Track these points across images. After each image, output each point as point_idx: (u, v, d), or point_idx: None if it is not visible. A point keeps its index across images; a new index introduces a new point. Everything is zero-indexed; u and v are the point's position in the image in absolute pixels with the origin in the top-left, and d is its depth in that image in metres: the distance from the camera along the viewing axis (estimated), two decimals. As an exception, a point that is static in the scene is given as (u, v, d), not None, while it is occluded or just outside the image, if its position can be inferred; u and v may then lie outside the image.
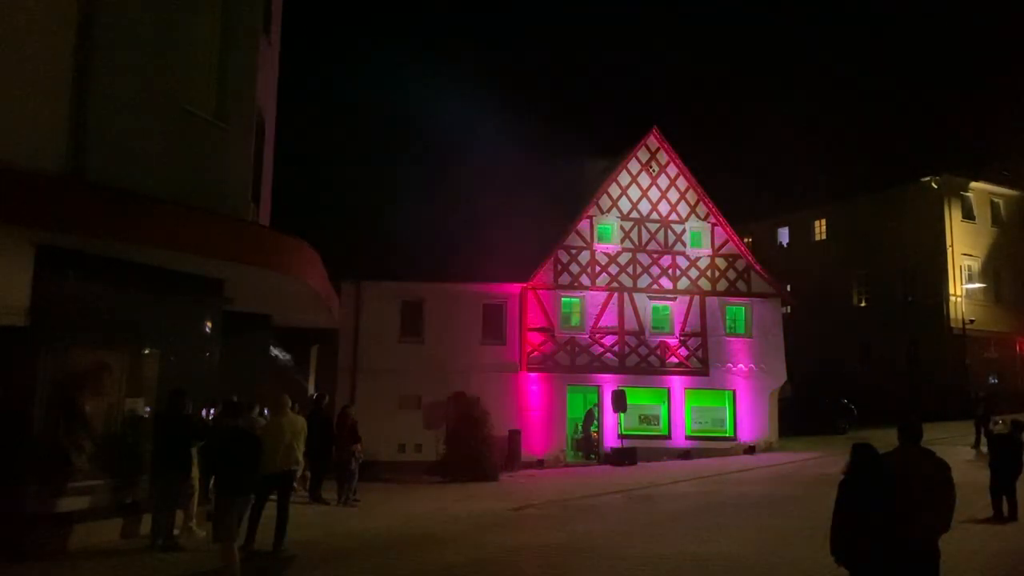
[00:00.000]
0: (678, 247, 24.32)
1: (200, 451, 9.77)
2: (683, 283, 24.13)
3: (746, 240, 29.35)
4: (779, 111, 61.95)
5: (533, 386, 22.71)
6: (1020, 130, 34.11)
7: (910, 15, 60.29)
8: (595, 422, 23.34)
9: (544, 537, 10.84)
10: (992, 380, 31.20)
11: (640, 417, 23.35)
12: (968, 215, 33.64)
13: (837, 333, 35.07)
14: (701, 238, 24.53)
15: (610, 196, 24.16)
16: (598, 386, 23.11)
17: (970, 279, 32.80)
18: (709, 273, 24.38)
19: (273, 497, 9.45)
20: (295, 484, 14.62)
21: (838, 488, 5.79)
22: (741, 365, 23.99)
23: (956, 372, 30.94)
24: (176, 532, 9.50)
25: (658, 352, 23.63)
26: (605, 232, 23.92)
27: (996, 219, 34.68)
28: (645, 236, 24.17)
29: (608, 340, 23.36)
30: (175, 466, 9.36)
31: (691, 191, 24.66)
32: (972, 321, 31.67)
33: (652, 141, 24.78)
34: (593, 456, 22.86)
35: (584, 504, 14.52)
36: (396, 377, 21.72)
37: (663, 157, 24.73)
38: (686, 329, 23.88)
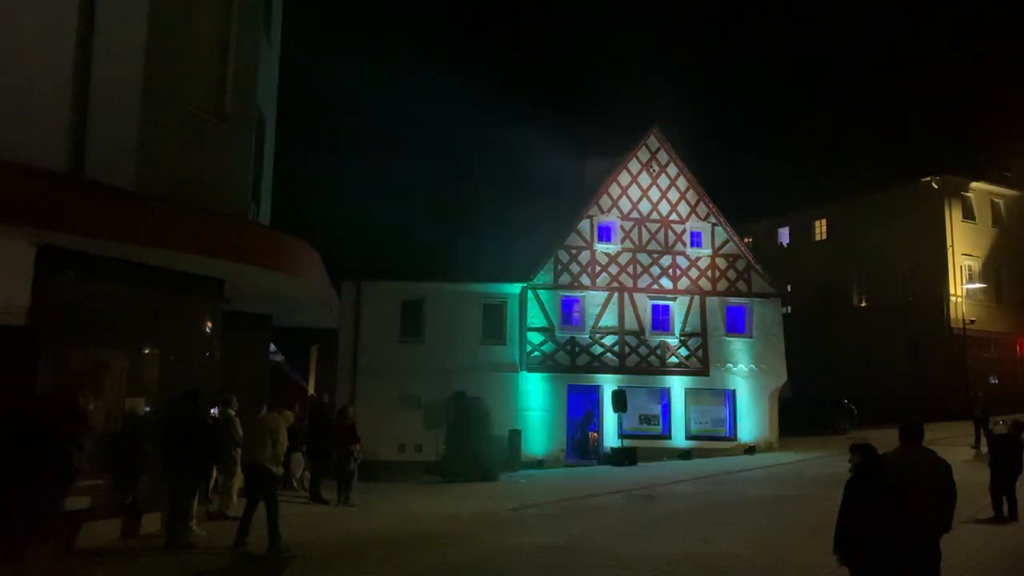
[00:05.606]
0: (678, 247, 24.32)
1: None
2: (683, 283, 24.12)
3: (746, 240, 29.31)
4: (779, 111, 61.90)
5: (533, 386, 22.70)
6: (1020, 130, 34.04)
7: (909, 14, 60.26)
8: (593, 423, 23.31)
9: (544, 537, 10.82)
10: (992, 380, 31.18)
11: (640, 417, 23.33)
12: (968, 215, 33.63)
13: (837, 333, 35.05)
14: (701, 238, 24.53)
15: (610, 196, 24.16)
16: (598, 386, 23.11)
17: (970, 279, 32.78)
18: (709, 273, 24.36)
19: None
20: (294, 484, 14.74)
21: (845, 487, 5.77)
22: (741, 365, 23.97)
23: (956, 372, 30.93)
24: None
25: (658, 352, 23.62)
26: (605, 232, 23.93)
27: (996, 219, 34.68)
28: (645, 236, 24.17)
29: (608, 340, 23.36)
30: (193, 466, 9.36)
31: (691, 191, 24.65)
32: (972, 321, 31.66)
33: (652, 141, 24.78)
34: (592, 457, 22.85)
35: (584, 504, 14.51)
36: (396, 377, 21.70)
37: (663, 157, 24.73)
38: (686, 329, 23.87)
